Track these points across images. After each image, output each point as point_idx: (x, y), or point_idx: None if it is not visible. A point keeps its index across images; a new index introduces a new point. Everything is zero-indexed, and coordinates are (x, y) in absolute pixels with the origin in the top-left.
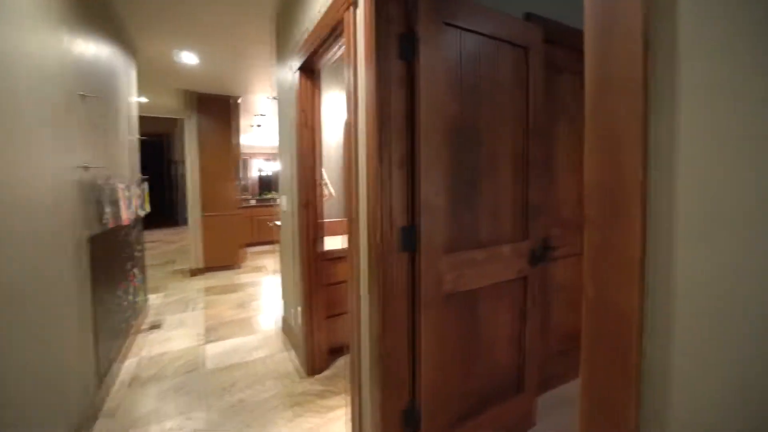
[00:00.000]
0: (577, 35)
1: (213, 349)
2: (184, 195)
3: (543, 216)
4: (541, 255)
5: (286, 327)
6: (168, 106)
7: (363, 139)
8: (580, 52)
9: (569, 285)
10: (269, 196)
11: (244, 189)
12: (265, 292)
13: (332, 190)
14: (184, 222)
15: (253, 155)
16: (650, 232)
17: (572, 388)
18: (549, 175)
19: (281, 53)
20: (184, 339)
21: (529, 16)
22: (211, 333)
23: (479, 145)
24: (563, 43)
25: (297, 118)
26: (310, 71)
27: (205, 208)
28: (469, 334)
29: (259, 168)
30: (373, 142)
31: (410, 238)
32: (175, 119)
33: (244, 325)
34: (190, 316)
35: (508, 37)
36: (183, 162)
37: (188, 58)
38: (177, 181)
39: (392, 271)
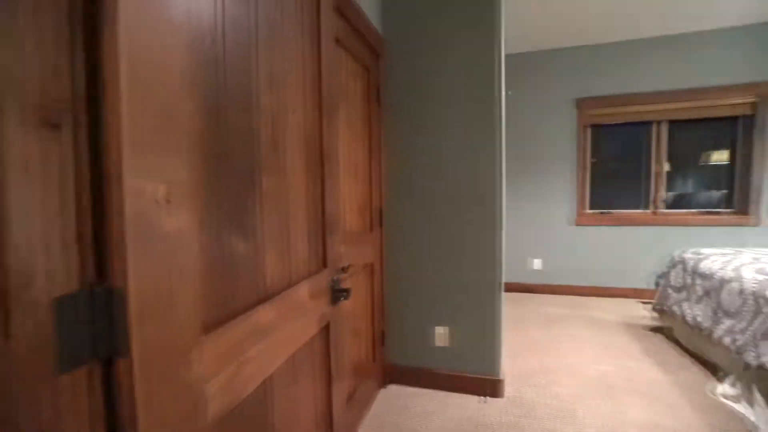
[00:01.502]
0: (360, 16)
1: None
2: None
3: (339, 229)
4: (340, 287)
5: None
6: None
7: None
8: (361, 36)
9: (351, 309)
10: None
11: None
12: None
13: None
14: None
15: None
16: None
17: None
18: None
19: None
20: None
21: None
22: None
23: (257, 113)
24: (344, 14)
25: None
26: None
27: None
28: None
29: None
30: None
31: (96, 326)
32: None
33: None
34: None
35: None
36: None
37: None
38: None
39: None
